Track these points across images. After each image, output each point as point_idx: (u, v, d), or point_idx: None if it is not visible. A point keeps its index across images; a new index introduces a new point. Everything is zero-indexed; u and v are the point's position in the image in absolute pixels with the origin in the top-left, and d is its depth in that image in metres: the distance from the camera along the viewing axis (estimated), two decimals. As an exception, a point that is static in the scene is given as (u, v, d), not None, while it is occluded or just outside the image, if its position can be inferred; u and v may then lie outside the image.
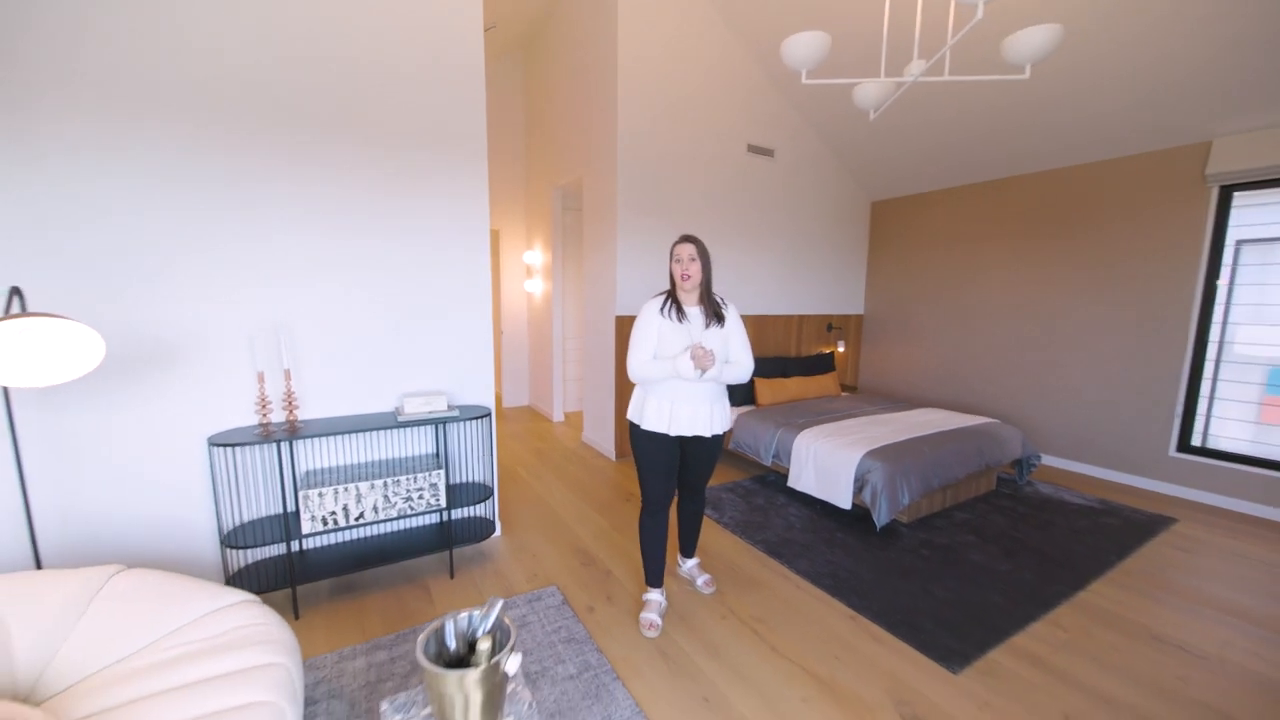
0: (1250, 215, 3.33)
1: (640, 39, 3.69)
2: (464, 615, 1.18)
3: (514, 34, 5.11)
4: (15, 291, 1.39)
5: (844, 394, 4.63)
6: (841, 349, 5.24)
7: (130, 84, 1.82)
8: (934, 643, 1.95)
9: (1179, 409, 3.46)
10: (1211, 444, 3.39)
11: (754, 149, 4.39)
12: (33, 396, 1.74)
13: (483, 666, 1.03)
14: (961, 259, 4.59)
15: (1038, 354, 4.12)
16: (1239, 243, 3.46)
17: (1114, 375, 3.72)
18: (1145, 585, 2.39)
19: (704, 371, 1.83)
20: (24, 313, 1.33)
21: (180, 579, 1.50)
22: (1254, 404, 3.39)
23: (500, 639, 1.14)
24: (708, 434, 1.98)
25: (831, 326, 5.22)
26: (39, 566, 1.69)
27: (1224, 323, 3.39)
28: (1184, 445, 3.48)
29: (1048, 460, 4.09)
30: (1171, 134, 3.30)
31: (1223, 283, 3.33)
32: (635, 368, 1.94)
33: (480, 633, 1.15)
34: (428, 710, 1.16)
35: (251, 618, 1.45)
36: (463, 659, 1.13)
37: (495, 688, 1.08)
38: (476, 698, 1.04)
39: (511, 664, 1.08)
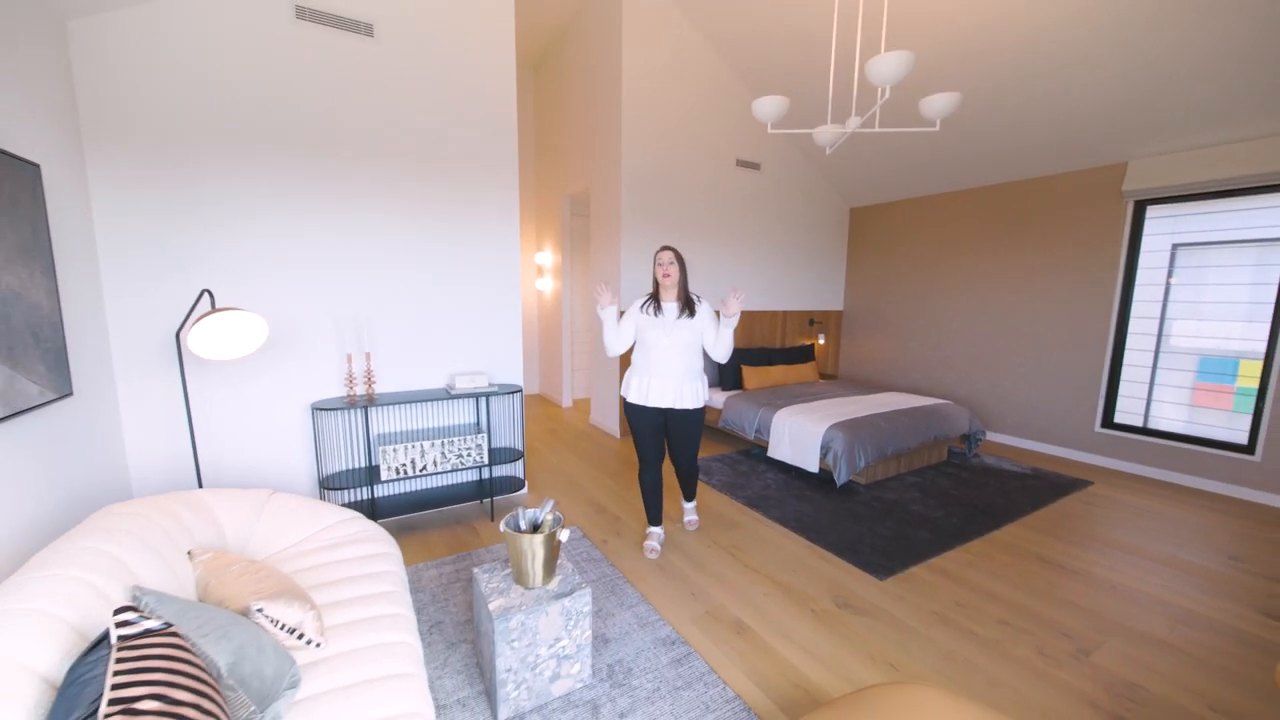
0: (1186, 224, 3.86)
1: (641, 65, 4.24)
2: (530, 510, 1.75)
3: (526, 56, 5.67)
4: (206, 292, 1.95)
5: (821, 380, 5.22)
6: (822, 341, 5.82)
7: (263, 142, 2.39)
8: (869, 561, 2.54)
9: (1103, 390, 4.05)
10: (1152, 424, 3.93)
11: (742, 163, 4.95)
12: (190, 370, 2.32)
13: (545, 533, 1.61)
14: (928, 260, 5.17)
15: (990, 344, 4.70)
16: (1175, 246, 4.03)
17: (1051, 362, 4.31)
18: (1048, 527, 2.98)
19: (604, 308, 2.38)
20: (214, 308, 1.90)
21: (313, 500, 2.08)
22: (1188, 389, 3.97)
23: (554, 522, 1.72)
24: (679, 406, 2.45)
25: (813, 321, 5.80)
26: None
27: (1162, 317, 3.95)
28: (1107, 422, 4.07)
29: (996, 436, 4.69)
30: (1096, 156, 3.87)
31: (1158, 282, 3.87)
32: (607, 342, 2.46)
33: (540, 518, 1.73)
34: (506, 571, 1.74)
35: (365, 525, 2.04)
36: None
37: (551, 551, 1.66)
38: (540, 554, 1.62)
39: (563, 534, 1.65)
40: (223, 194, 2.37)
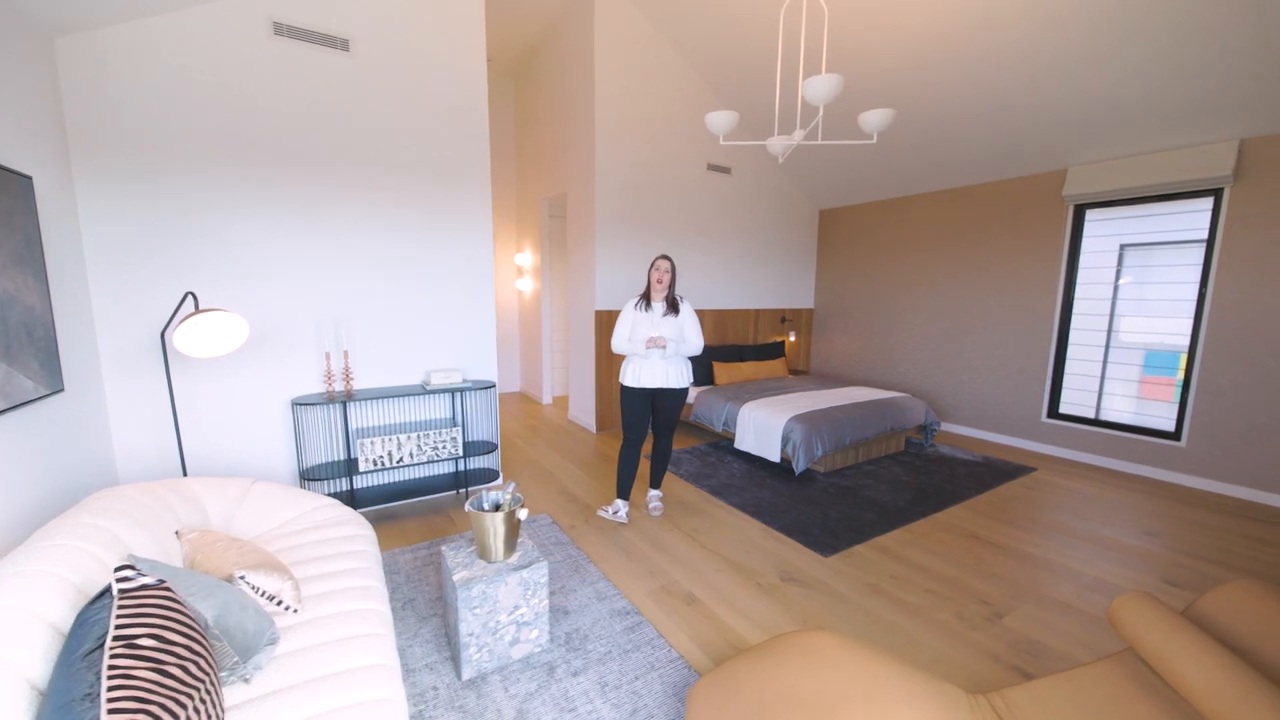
0: (1132, 225, 4.10)
1: (613, 74, 4.40)
2: (493, 492, 1.92)
3: (506, 63, 5.81)
4: (190, 294, 2.09)
5: (791, 376, 5.43)
6: (793, 338, 6.04)
7: (243, 152, 2.52)
8: (817, 541, 2.74)
9: (1048, 383, 4.31)
10: (1104, 415, 4.15)
11: (713, 167, 5.15)
12: (175, 367, 2.45)
13: (505, 512, 1.78)
14: (891, 260, 5.40)
15: (947, 340, 4.95)
16: (1123, 246, 4.29)
17: (1001, 357, 4.56)
18: (987, 510, 3.21)
19: (662, 350, 2.75)
20: (198, 309, 2.04)
21: (293, 488, 2.23)
22: (1135, 382, 4.23)
23: (513, 502, 1.89)
24: (665, 386, 2.82)
25: (785, 319, 6.02)
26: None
27: (1111, 314, 4.19)
28: (1053, 412, 4.33)
29: (953, 427, 4.93)
30: (1038, 163, 4.13)
31: (1106, 281, 4.11)
32: (615, 343, 2.88)
33: (501, 499, 1.90)
34: (472, 548, 1.91)
35: (342, 511, 2.19)
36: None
37: (512, 528, 1.83)
38: (501, 530, 1.79)
39: (522, 514, 1.82)
40: (204, 202, 2.50)
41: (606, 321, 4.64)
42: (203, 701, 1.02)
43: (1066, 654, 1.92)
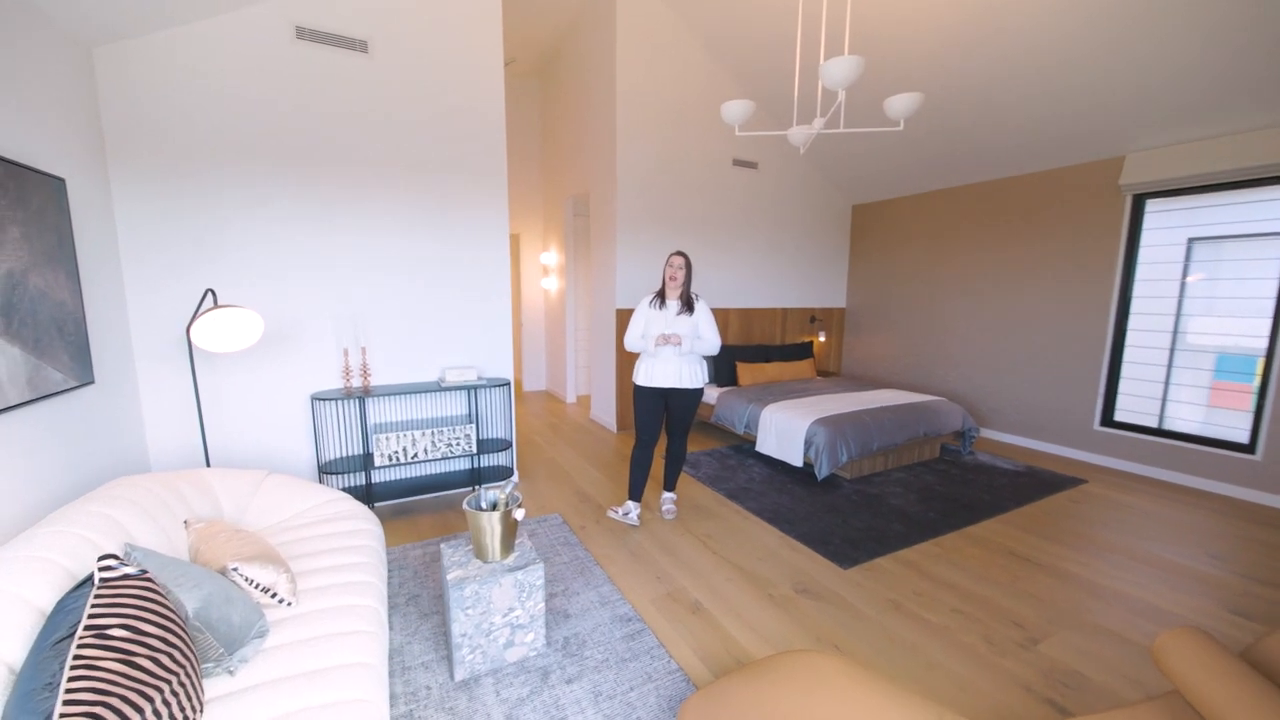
0: (1203, 217, 3.71)
1: (635, 68, 4.34)
2: (491, 491, 1.90)
3: (530, 63, 5.85)
4: (210, 292, 2.17)
5: (819, 378, 5.24)
6: (823, 339, 5.83)
7: (267, 153, 2.60)
8: (836, 552, 2.60)
9: (1101, 388, 3.98)
10: (1168, 424, 3.80)
11: (739, 162, 5.02)
12: (199, 362, 2.55)
13: (501, 511, 1.75)
14: (930, 257, 5.13)
15: (990, 341, 4.65)
16: (1191, 240, 3.93)
17: (1049, 359, 4.25)
18: (1027, 524, 2.98)
19: (679, 345, 2.68)
20: (216, 305, 2.10)
21: (306, 481, 2.27)
22: (1204, 388, 3.86)
23: (511, 501, 1.85)
24: (679, 386, 2.75)
25: (814, 319, 5.81)
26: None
27: (1177, 314, 3.83)
28: (1107, 420, 3.99)
29: (996, 434, 4.63)
30: (1092, 150, 3.81)
31: (1172, 278, 3.75)
32: (628, 340, 2.86)
33: (499, 498, 1.87)
34: (469, 547, 1.89)
35: (351, 505, 2.21)
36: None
37: (509, 528, 1.80)
38: (498, 530, 1.76)
39: (519, 513, 1.79)
40: (231, 201, 2.59)
41: (627, 320, 4.57)
42: (174, 694, 1.02)
43: (1109, 689, 1.73)
